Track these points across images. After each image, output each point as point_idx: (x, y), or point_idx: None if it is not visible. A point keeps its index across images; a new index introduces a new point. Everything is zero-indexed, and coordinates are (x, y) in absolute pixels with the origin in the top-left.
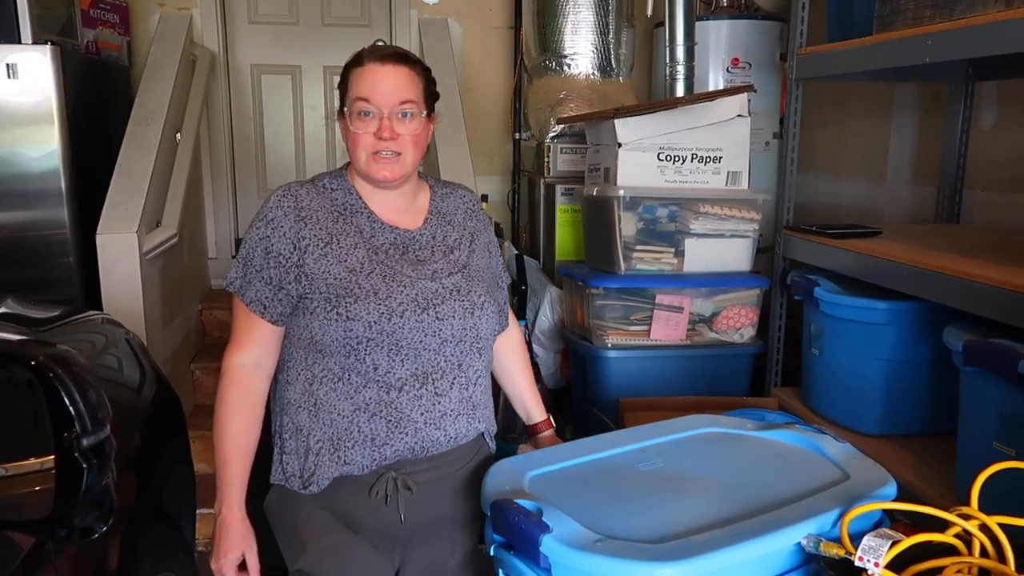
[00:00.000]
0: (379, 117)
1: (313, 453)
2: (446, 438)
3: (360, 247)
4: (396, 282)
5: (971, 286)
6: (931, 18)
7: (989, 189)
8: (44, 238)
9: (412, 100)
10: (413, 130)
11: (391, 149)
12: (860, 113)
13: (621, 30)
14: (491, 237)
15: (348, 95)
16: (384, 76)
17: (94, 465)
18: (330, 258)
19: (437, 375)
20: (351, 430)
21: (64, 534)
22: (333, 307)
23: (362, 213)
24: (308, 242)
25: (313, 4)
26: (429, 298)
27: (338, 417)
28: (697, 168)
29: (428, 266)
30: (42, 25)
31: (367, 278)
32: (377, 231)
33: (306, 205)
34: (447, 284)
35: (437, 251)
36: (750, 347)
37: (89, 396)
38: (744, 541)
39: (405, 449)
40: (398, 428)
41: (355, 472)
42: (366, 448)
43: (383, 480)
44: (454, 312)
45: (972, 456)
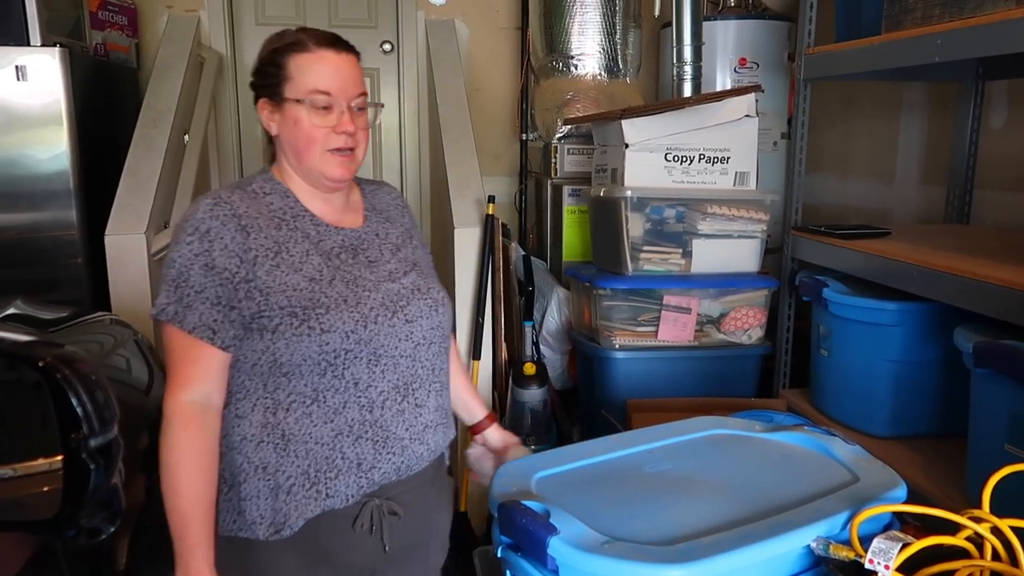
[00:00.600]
0: (339, 111)
1: (284, 492)
2: (428, 452)
3: (312, 253)
4: (360, 287)
5: (981, 287)
6: (940, 17)
7: (999, 189)
8: (53, 239)
9: (365, 92)
10: (365, 125)
11: (349, 145)
12: (868, 113)
13: (628, 30)
14: (420, 237)
15: (294, 84)
16: (342, 67)
17: (101, 466)
18: (283, 268)
19: (416, 384)
20: (333, 458)
21: (71, 535)
22: (302, 321)
23: (304, 216)
24: (256, 253)
25: (320, 6)
26: (395, 300)
27: (315, 446)
28: (705, 168)
29: (382, 267)
30: (51, 27)
31: (330, 286)
32: (324, 234)
33: (244, 213)
34: (407, 284)
35: (385, 250)
36: (758, 348)
37: (96, 397)
38: (753, 543)
39: (392, 471)
40: (385, 448)
41: (338, 505)
42: (351, 476)
43: (367, 509)
44: (421, 312)
45: (982, 458)
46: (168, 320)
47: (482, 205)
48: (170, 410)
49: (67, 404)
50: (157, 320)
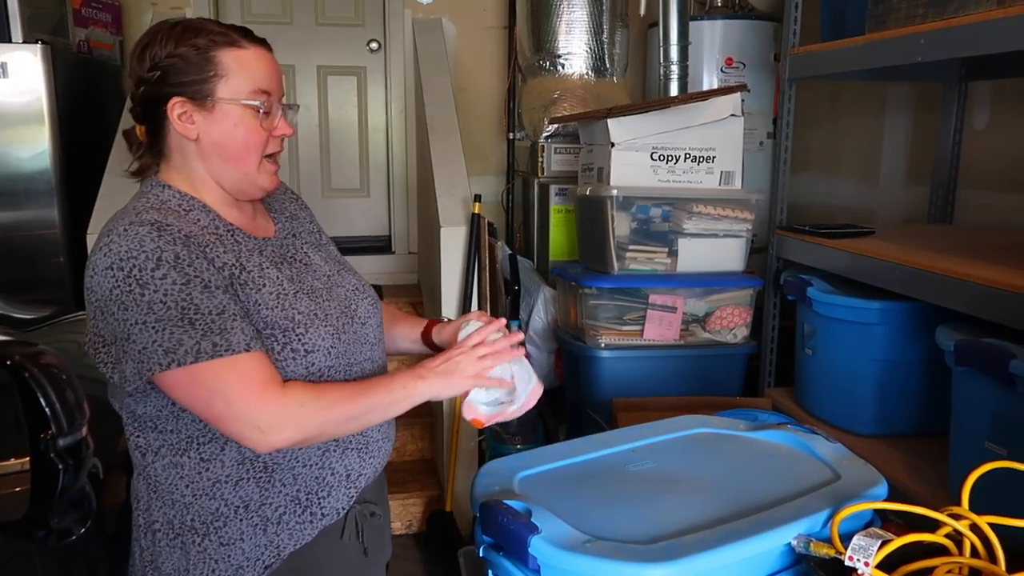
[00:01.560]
0: (277, 114)
1: (274, 523)
2: (391, 448)
3: (267, 266)
4: (319, 297)
5: (963, 286)
6: (923, 17)
7: (982, 189)
8: (35, 238)
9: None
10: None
11: (280, 149)
12: (853, 113)
13: (615, 30)
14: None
15: (231, 83)
16: (274, 64)
17: (70, 466)
18: (250, 287)
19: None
20: (323, 476)
21: (41, 535)
22: (285, 344)
23: (229, 231)
24: (228, 271)
25: (307, 4)
26: (347, 304)
27: (303, 469)
28: (690, 168)
29: (319, 269)
30: (33, 24)
31: (296, 300)
32: (255, 247)
33: (189, 232)
34: (347, 285)
35: (309, 252)
36: (743, 347)
37: (66, 397)
38: (734, 541)
39: (372, 473)
40: (367, 453)
41: (330, 522)
42: (342, 489)
43: (351, 517)
44: (368, 312)
45: (964, 456)
46: (209, 357)
47: (468, 204)
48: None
49: (36, 403)
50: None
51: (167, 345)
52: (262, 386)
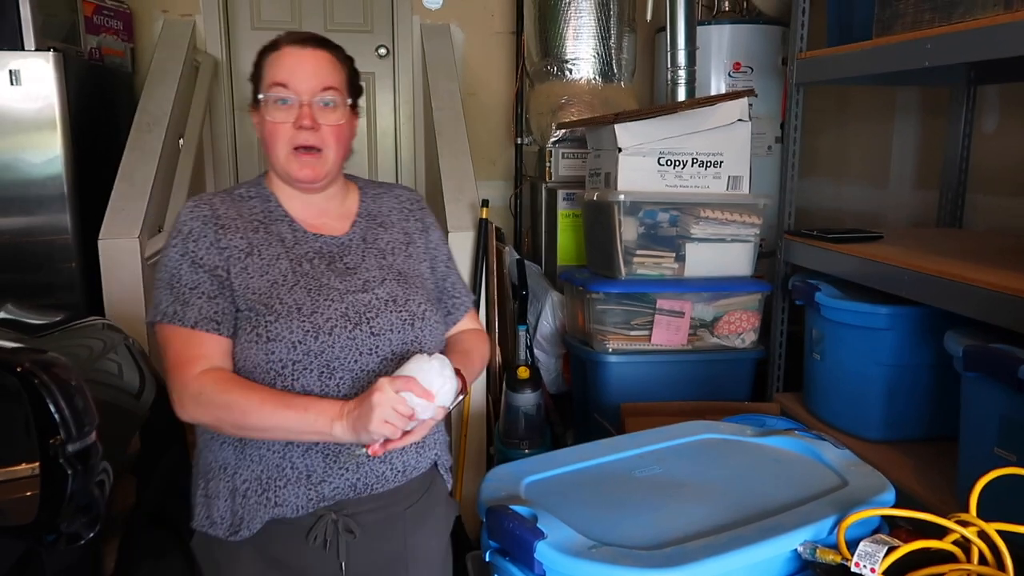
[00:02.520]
0: (298, 105)
1: (240, 494)
2: (392, 472)
3: (283, 257)
4: (323, 296)
5: (972, 291)
6: (930, 22)
7: (992, 193)
8: (47, 243)
9: (334, 87)
10: (335, 121)
11: (311, 143)
12: (862, 117)
13: (623, 35)
14: (434, 239)
15: (263, 82)
16: (303, 60)
17: (79, 471)
18: (251, 271)
19: None
20: (283, 467)
21: (50, 540)
22: (253, 327)
23: (282, 220)
24: (230, 252)
25: (316, 10)
26: (361, 312)
27: (267, 452)
28: (698, 173)
29: (359, 275)
30: (45, 32)
31: (289, 292)
32: (300, 240)
33: (223, 214)
34: (381, 294)
35: (369, 257)
36: (752, 352)
37: (75, 402)
38: (740, 548)
39: (346, 487)
40: (336, 463)
41: (289, 514)
42: (300, 487)
43: (322, 523)
44: (391, 325)
45: (973, 462)
46: (168, 321)
47: (476, 209)
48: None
49: (44, 409)
50: (156, 324)
51: (155, 301)
52: (185, 362)
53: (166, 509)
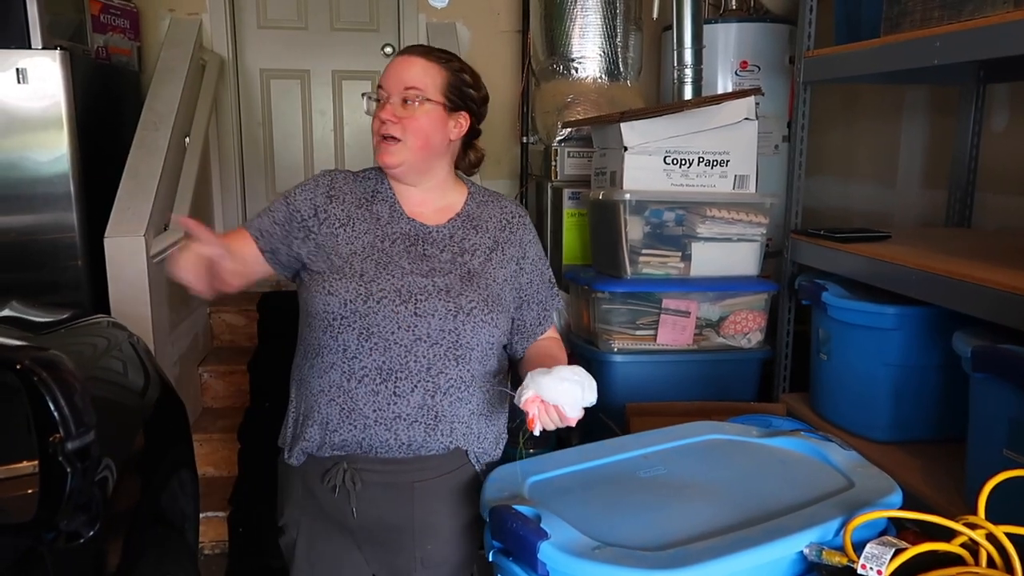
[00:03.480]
0: (386, 101)
1: (292, 423)
2: (397, 442)
3: (371, 232)
4: (387, 270)
5: (981, 291)
6: (939, 19)
7: (1001, 192)
8: (53, 241)
9: (416, 87)
10: (414, 115)
11: (390, 132)
12: (869, 116)
13: (629, 34)
14: (528, 253)
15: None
16: (399, 64)
17: (78, 469)
18: (340, 238)
19: (402, 374)
20: (313, 409)
21: (50, 538)
22: (323, 280)
23: (386, 201)
24: (327, 216)
25: (322, 9)
26: (414, 292)
27: (308, 394)
28: (704, 172)
29: (429, 263)
30: (52, 31)
31: (362, 261)
32: (395, 220)
33: (339, 187)
34: (439, 283)
35: (448, 250)
36: (758, 352)
37: (75, 400)
38: (745, 549)
39: (353, 443)
40: (348, 419)
41: (312, 450)
42: (318, 429)
43: (336, 469)
44: (435, 311)
45: (981, 464)
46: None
47: None
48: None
49: (44, 407)
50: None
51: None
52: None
53: (170, 507)
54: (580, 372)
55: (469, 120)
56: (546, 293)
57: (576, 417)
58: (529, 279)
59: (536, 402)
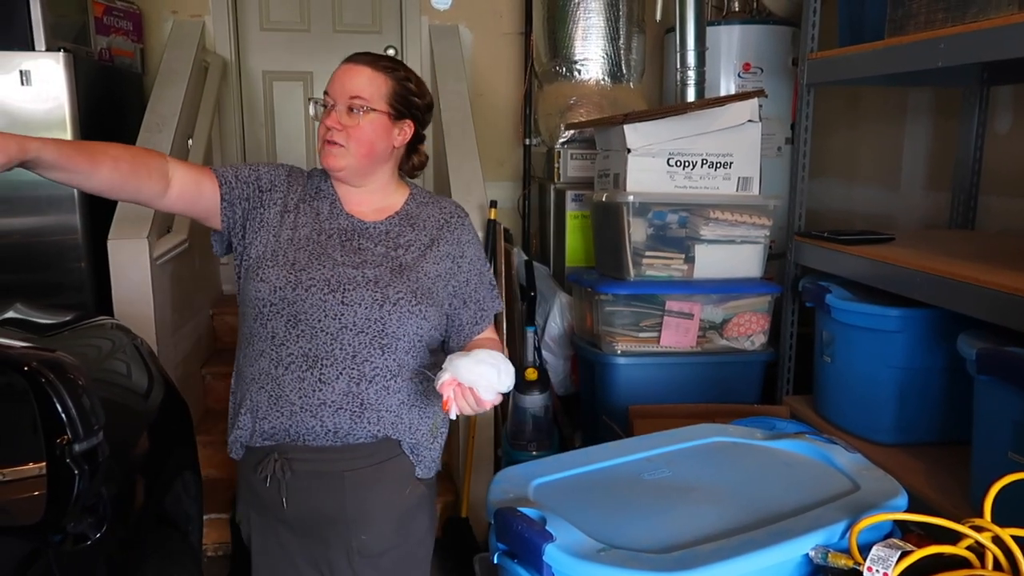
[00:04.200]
0: (331, 108)
1: (229, 417)
2: (323, 429)
3: (308, 226)
4: (318, 261)
5: (985, 293)
6: (943, 21)
7: (1005, 195)
8: (56, 243)
9: (361, 97)
10: (357, 124)
11: (333, 139)
12: (873, 118)
13: (632, 35)
14: (467, 252)
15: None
16: (344, 72)
17: (86, 471)
18: (279, 224)
19: (328, 361)
20: (245, 397)
21: (57, 540)
22: (256, 267)
23: (327, 199)
24: (280, 198)
25: (324, 11)
26: (343, 282)
27: (243, 383)
28: (707, 174)
29: (362, 255)
30: (56, 32)
31: (295, 251)
32: (333, 216)
33: (294, 178)
34: (368, 274)
35: (381, 245)
36: (761, 354)
37: (82, 402)
38: (751, 551)
39: (281, 430)
40: (276, 406)
41: (245, 439)
42: (249, 418)
43: (268, 459)
44: (362, 300)
45: (987, 466)
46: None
47: (484, 210)
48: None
49: (52, 409)
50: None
51: None
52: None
53: (174, 509)
54: (497, 356)
55: (413, 127)
56: (484, 293)
57: (491, 401)
58: (466, 278)
59: (452, 384)
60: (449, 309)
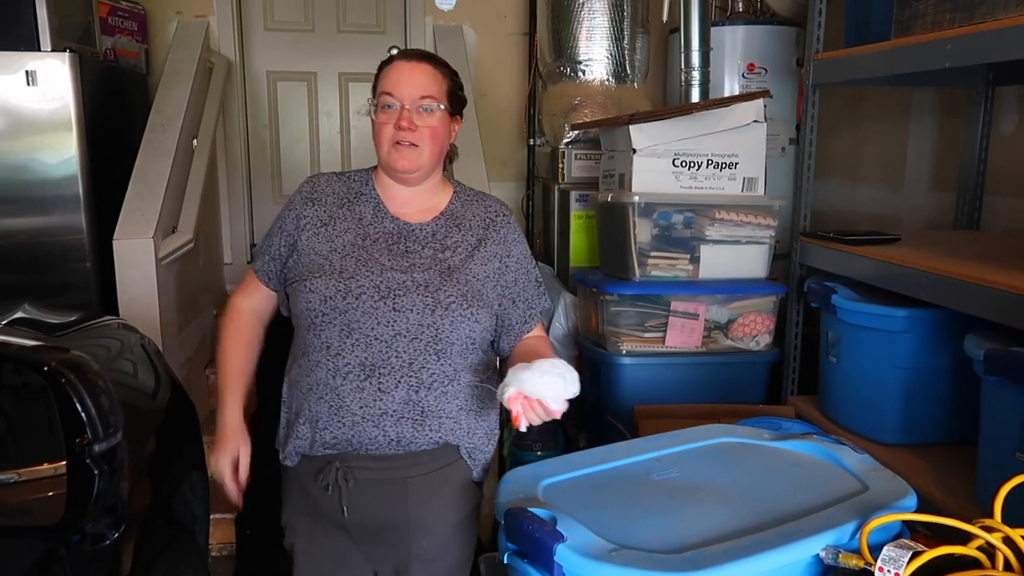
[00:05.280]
0: (400, 109)
1: (284, 425)
2: (385, 439)
3: (351, 231)
4: (366, 267)
5: (992, 293)
6: (951, 22)
7: (1010, 195)
8: (61, 243)
9: (432, 96)
10: (431, 124)
11: (409, 140)
12: (878, 118)
13: (636, 36)
14: (513, 251)
15: (376, 91)
16: (407, 72)
17: (105, 471)
18: (321, 238)
19: (385, 370)
20: (303, 407)
21: (75, 540)
22: (304, 279)
23: (370, 202)
24: (307, 221)
25: (329, 11)
26: (393, 288)
27: (298, 393)
28: (713, 174)
29: (409, 259)
30: (61, 33)
31: (341, 259)
32: (378, 219)
33: (320, 189)
34: (417, 278)
35: (429, 247)
36: (766, 355)
37: (101, 402)
38: (761, 552)
39: (343, 440)
40: (337, 416)
41: (304, 449)
42: (308, 428)
43: (328, 468)
44: (413, 306)
45: (993, 467)
46: (251, 261)
47: None
48: (228, 306)
49: (72, 409)
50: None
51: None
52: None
53: (181, 509)
54: (561, 364)
55: (460, 122)
56: (532, 292)
57: (560, 410)
58: (514, 277)
59: (519, 399)
60: (499, 309)
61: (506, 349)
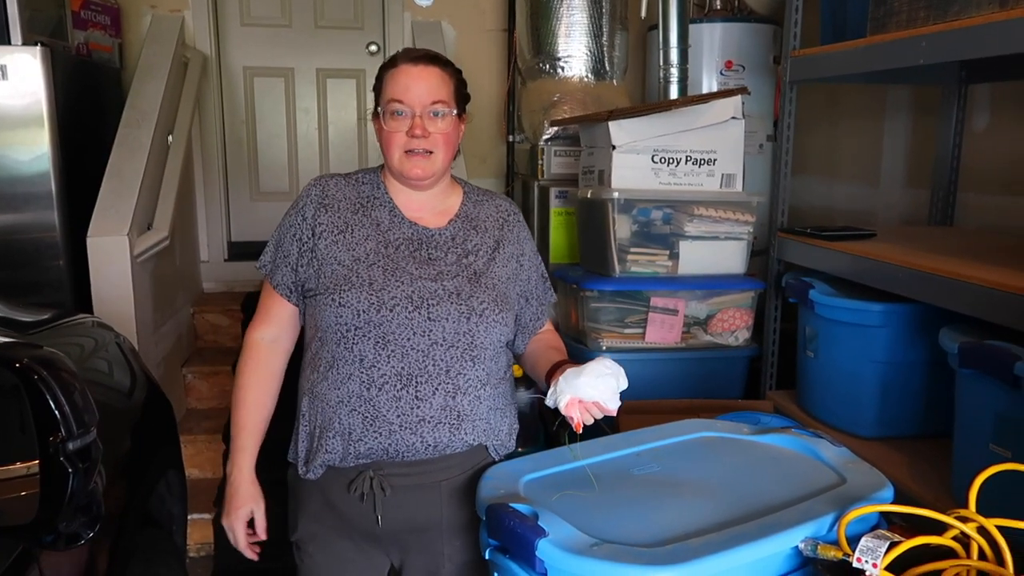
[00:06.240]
0: (411, 116)
1: (307, 438)
2: (423, 445)
3: (372, 238)
4: (395, 277)
5: (966, 288)
6: (925, 20)
7: (982, 191)
8: (34, 241)
9: (443, 100)
10: (444, 129)
11: (423, 147)
12: (854, 115)
13: (615, 33)
14: (526, 249)
15: (382, 97)
16: (416, 77)
17: (80, 469)
18: (340, 245)
19: (422, 378)
20: (333, 421)
21: (49, 540)
22: (331, 293)
23: (384, 206)
24: (324, 228)
25: (306, 6)
26: (425, 297)
27: (325, 406)
28: (691, 170)
29: (435, 266)
30: (32, 26)
31: (368, 268)
32: (395, 225)
33: (331, 194)
34: (448, 286)
35: (452, 253)
36: (745, 350)
37: (75, 399)
38: (741, 545)
39: (379, 449)
40: (372, 427)
41: (334, 461)
42: (339, 440)
43: (362, 477)
44: (448, 315)
45: (968, 458)
46: (265, 274)
47: None
48: (246, 341)
49: (45, 406)
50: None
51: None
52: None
53: (158, 509)
54: (607, 362)
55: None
56: (542, 288)
57: (617, 406)
58: (528, 275)
59: (576, 405)
60: (516, 308)
61: (520, 347)
